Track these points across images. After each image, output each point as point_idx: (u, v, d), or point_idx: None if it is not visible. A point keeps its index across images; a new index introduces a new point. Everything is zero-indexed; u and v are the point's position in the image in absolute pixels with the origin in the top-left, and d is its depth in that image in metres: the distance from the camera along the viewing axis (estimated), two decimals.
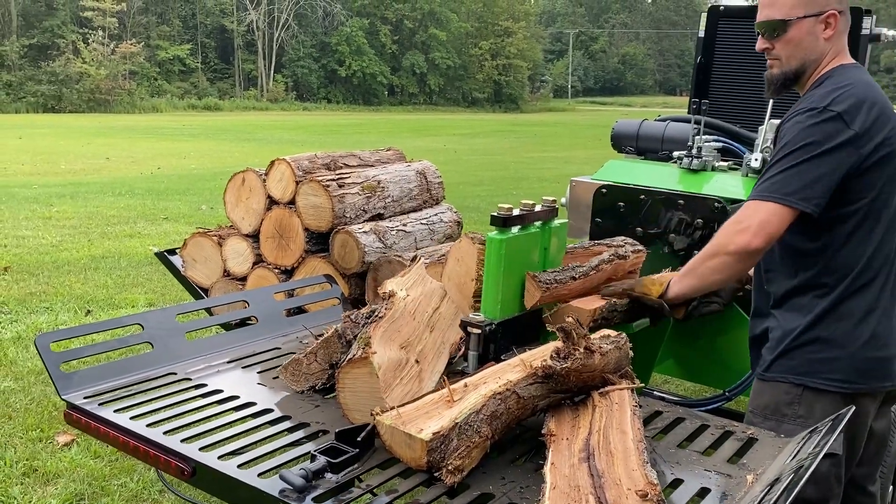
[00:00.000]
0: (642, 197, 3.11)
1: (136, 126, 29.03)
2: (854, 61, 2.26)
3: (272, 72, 54.21)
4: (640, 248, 2.71)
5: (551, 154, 21.71)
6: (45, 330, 5.27)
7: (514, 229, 2.27)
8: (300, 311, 2.89)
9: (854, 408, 1.91)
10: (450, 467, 1.62)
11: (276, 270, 3.38)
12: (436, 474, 1.68)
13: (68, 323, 5.43)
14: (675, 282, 2.34)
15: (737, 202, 3.77)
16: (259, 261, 3.45)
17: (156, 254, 3.79)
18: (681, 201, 3.08)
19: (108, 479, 3.39)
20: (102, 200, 11.09)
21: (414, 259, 2.67)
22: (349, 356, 1.99)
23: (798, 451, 1.89)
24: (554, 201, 2.42)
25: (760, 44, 2.29)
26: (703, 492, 1.78)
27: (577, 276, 2.35)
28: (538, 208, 2.36)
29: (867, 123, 2.07)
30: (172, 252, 3.73)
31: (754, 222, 2.09)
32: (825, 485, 2.20)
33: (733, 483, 1.82)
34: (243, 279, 3.49)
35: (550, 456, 1.67)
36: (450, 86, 60.58)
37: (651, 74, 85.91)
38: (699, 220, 3.05)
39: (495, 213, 2.22)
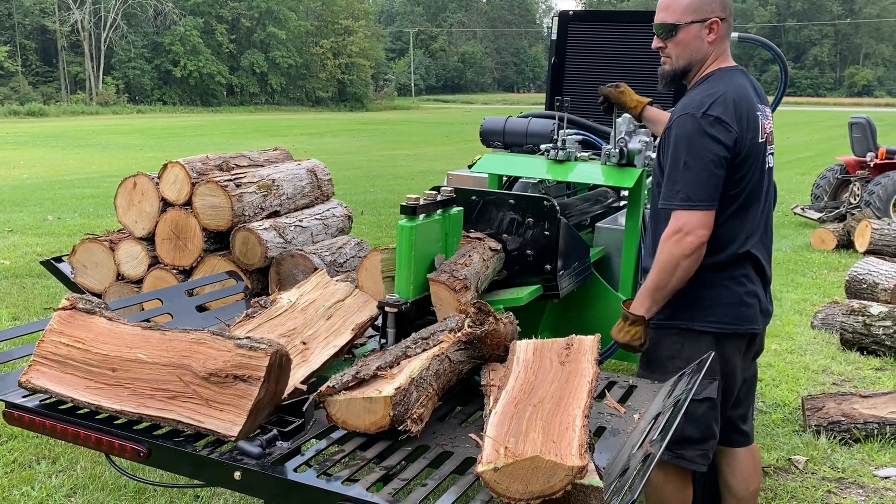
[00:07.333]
0: (473, 198, 2.98)
1: None
2: (735, 64, 2.59)
3: (101, 74, 51.45)
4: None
5: (401, 152, 22.07)
6: None
7: (420, 217, 2.53)
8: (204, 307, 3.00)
9: (713, 353, 2.32)
10: (414, 416, 1.83)
11: (175, 271, 3.45)
12: (399, 427, 1.87)
13: None
14: (641, 304, 2.55)
15: (596, 187, 4.22)
16: (155, 263, 3.51)
17: (42, 262, 3.75)
18: (511, 201, 2.98)
19: (8, 489, 3.35)
20: None
21: (315, 270, 3.04)
22: None
23: (672, 391, 2.28)
24: (451, 192, 2.69)
25: (655, 42, 2.58)
26: (601, 430, 2.12)
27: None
28: (439, 198, 2.63)
29: (742, 124, 2.42)
30: (59, 259, 3.71)
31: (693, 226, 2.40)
32: (705, 424, 2.59)
33: (623, 421, 2.17)
34: (139, 282, 3.54)
35: (492, 395, 1.94)
36: (292, 85, 59.80)
37: (490, 72, 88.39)
38: (529, 220, 2.95)
39: (405, 204, 2.47)
